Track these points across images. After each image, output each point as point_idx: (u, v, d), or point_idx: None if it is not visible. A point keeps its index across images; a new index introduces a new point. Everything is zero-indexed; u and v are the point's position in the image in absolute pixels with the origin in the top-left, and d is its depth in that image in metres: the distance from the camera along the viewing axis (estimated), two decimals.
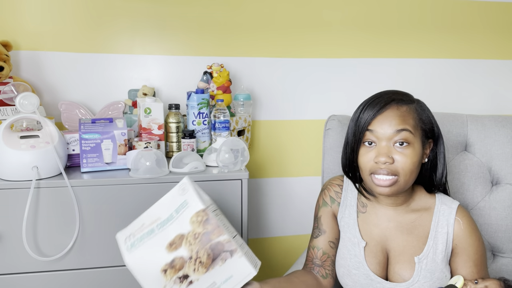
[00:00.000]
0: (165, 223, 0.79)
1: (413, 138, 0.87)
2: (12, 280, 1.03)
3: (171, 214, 0.79)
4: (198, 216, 0.77)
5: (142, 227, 0.80)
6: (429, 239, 0.93)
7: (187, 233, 0.76)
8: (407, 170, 0.86)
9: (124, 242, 0.79)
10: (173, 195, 0.83)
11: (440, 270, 0.91)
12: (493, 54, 1.69)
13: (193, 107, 1.24)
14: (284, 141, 1.61)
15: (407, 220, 0.96)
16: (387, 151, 0.86)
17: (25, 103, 1.02)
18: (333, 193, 1.03)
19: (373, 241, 0.96)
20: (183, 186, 0.82)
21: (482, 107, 1.72)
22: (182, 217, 0.78)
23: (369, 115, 0.89)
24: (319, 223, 1.02)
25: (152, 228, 0.79)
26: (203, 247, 0.76)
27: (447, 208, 0.95)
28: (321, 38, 1.56)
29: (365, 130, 0.89)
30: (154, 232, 0.78)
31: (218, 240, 0.76)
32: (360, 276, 0.94)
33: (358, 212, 1.00)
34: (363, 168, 0.91)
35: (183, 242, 0.76)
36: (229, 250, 0.76)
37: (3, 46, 1.25)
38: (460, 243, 0.93)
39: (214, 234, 0.76)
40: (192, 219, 0.77)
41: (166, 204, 0.82)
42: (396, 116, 0.87)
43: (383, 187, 0.87)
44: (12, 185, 1.00)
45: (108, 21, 1.40)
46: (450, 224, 0.93)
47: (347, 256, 0.97)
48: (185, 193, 0.81)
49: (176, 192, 0.83)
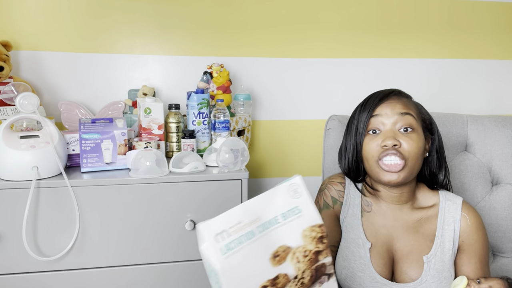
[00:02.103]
0: (267, 226, 0.66)
1: (416, 124, 0.89)
2: (12, 280, 1.03)
3: (276, 218, 0.67)
4: (313, 231, 0.67)
5: (240, 225, 0.65)
6: (436, 237, 0.91)
7: (295, 248, 0.66)
8: (413, 154, 0.87)
9: (215, 239, 0.63)
10: (281, 194, 0.69)
11: (447, 269, 0.89)
12: (493, 54, 1.69)
13: (193, 107, 1.24)
14: (284, 141, 1.61)
15: (413, 218, 0.94)
16: (393, 134, 0.87)
17: (25, 103, 1.02)
18: (334, 192, 1.00)
19: (379, 241, 0.93)
20: (295, 187, 0.69)
21: (482, 107, 1.72)
22: (292, 226, 0.67)
23: (372, 103, 0.91)
24: None
25: (252, 230, 0.65)
26: (310, 267, 0.67)
27: (452, 204, 0.94)
28: (321, 38, 1.56)
29: (370, 117, 0.90)
30: (255, 236, 0.65)
31: (324, 262, 0.68)
32: (366, 278, 0.91)
33: (363, 212, 0.97)
34: (369, 156, 0.89)
35: (289, 257, 0.66)
36: (328, 274, 0.70)
37: (3, 46, 1.25)
38: (466, 239, 0.91)
39: (322, 255, 0.68)
40: (305, 232, 0.67)
41: (270, 203, 0.68)
42: (400, 101, 0.91)
43: (392, 172, 0.86)
44: (12, 185, 1.00)
45: (108, 21, 1.40)
46: (457, 221, 0.92)
47: (350, 258, 0.93)
48: (297, 197, 0.68)
49: (285, 191, 0.69)
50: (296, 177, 0.70)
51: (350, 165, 0.96)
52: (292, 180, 0.70)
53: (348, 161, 0.96)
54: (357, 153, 0.92)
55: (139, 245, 1.09)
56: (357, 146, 0.92)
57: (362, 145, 0.91)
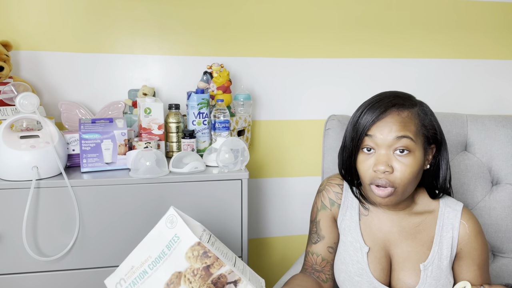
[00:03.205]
0: (158, 261, 0.73)
1: (414, 145, 0.83)
2: (12, 280, 1.03)
3: (163, 251, 0.73)
4: (194, 250, 0.72)
5: (132, 269, 0.74)
6: (434, 244, 0.89)
7: (184, 270, 0.71)
8: (405, 180, 0.83)
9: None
10: (161, 229, 0.76)
11: (445, 276, 0.88)
12: (493, 54, 1.69)
13: (193, 107, 1.24)
14: (284, 141, 1.61)
15: (411, 224, 0.92)
16: (386, 159, 0.82)
17: (25, 103, 1.02)
18: (332, 194, 0.99)
19: (376, 246, 0.91)
20: (171, 218, 0.76)
21: (482, 107, 1.72)
22: (176, 253, 0.72)
23: (367, 121, 0.84)
24: (318, 228, 0.98)
25: (144, 270, 0.73)
26: (205, 283, 0.71)
27: (452, 210, 0.91)
28: (321, 38, 1.56)
29: (364, 136, 0.85)
30: (147, 274, 0.73)
31: (220, 273, 0.72)
32: (363, 283, 0.90)
33: (360, 215, 0.95)
34: (362, 177, 0.87)
35: (182, 281, 0.71)
36: (233, 281, 0.72)
37: (3, 46, 1.25)
38: (465, 247, 0.89)
39: (214, 267, 0.72)
40: (187, 254, 0.72)
41: (155, 240, 0.75)
42: (396, 122, 0.83)
43: (381, 197, 0.84)
44: (12, 185, 1.00)
45: (108, 21, 1.40)
46: (455, 228, 0.90)
47: (348, 262, 0.92)
48: (174, 226, 0.74)
49: (164, 225, 0.76)
50: (170, 209, 0.77)
51: (346, 171, 0.94)
52: (168, 213, 0.76)
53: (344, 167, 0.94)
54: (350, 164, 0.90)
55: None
56: (351, 159, 0.89)
57: (356, 160, 0.88)
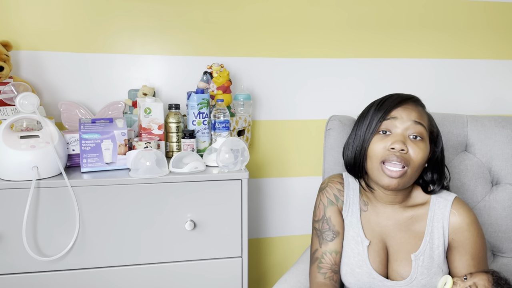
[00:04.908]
0: None
1: (426, 135, 0.91)
2: (12, 280, 1.03)
3: None
4: None
5: None
6: (426, 234, 0.93)
7: None
8: (417, 162, 0.88)
9: None
10: None
11: (436, 265, 0.91)
12: (493, 54, 1.69)
13: (193, 107, 1.24)
14: (284, 141, 1.61)
15: (405, 217, 0.96)
16: (403, 139, 0.88)
17: (25, 103, 1.02)
18: (336, 191, 1.02)
19: (375, 239, 0.96)
20: None
21: (482, 108, 1.72)
22: None
23: (390, 105, 0.92)
24: (330, 224, 0.99)
25: None
26: None
27: (443, 200, 0.95)
28: (322, 38, 1.56)
29: (384, 119, 0.91)
30: None
31: None
32: (363, 274, 0.95)
33: (361, 211, 1.00)
34: (373, 156, 0.90)
35: None
36: None
37: (3, 46, 1.25)
38: (456, 236, 0.92)
39: None
40: None
41: None
42: (416, 109, 0.92)
43: (391, 178, 0.87)
44: (12, 185, 1.00)
45: (108, 21, 1.40)
46: (446, 217, 0.93)
47: (350, 255, 0.97)
48: None
49: None
50: None
51: (352, 160, 0.96)
52: None
53: (351, 156, 0.97)
54: (362, 150, 0.93)
55: (139, 245, 1.09)
56: (364, 143, 0.92)
57: (370, 143, 0.91)
